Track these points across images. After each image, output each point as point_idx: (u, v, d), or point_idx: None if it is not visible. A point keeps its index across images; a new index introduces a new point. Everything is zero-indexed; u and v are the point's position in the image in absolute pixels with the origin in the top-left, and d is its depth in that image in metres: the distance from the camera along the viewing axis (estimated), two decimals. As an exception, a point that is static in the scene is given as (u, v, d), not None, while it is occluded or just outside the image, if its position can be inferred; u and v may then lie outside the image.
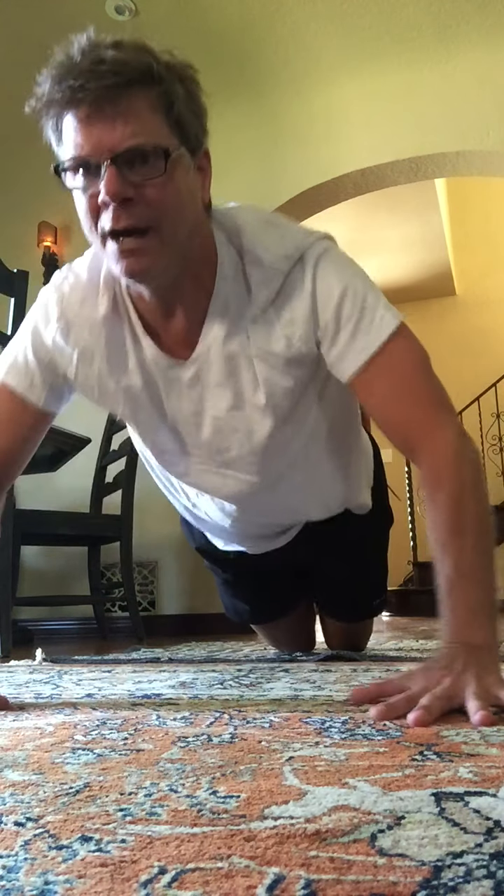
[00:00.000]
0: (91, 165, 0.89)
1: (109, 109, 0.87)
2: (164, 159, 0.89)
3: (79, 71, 0.86)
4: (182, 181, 0.93)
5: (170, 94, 0.90)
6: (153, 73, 0.88)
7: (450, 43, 3.37)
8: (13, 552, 2.51)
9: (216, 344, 1.04)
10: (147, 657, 1.76)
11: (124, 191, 0.88)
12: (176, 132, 0.91)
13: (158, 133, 0.89)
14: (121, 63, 0.86)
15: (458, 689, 0.78)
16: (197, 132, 0.95)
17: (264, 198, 3.59)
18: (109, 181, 0.87)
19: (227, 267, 1.02)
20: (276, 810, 0.46)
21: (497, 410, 6.04)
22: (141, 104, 0.88)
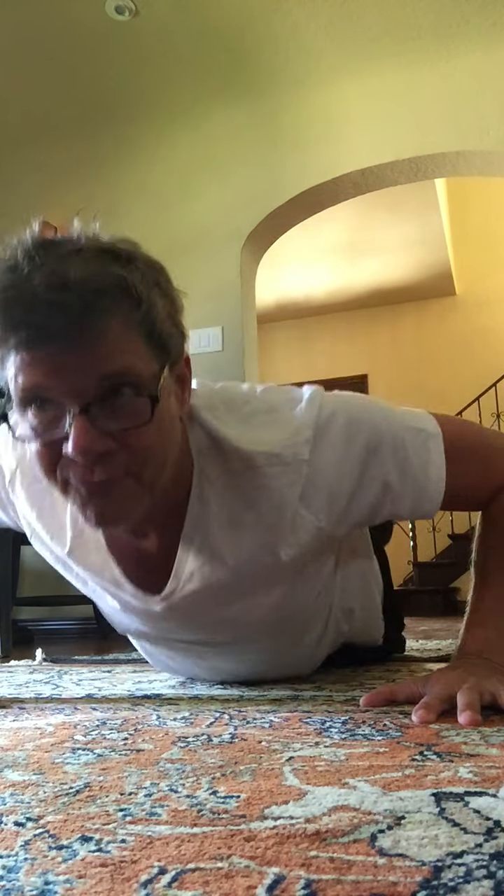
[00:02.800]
0: (51, 406, 0.71)
1: (76, 348, 0.69)
2: (150, 404, 0.72)
3: (31, 299, 0.68)
4: (167, 417, 0.76)
5: (151, 313, 0.73)
6: (129, 290, 0.71)
7: (450, 43, 3.37)
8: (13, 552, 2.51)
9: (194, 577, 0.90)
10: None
11: (99, 445, 0.71)
12: (158, 355, 0.75)
13: (140, 366, 0.72)
14: (89, 286, 0.68)
15: (485, 686, 0.79)
16: (179, 341, 0.79)
17: (264, 198, 3.60)
18: (79, 435, 0.69)
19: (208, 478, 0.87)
20: (276, 810, 0.46)
21: (497, 410, 6.04)
22: (116, 336, 0.71)
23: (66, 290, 0.68)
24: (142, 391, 0.72)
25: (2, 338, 0.70)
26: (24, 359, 0.69)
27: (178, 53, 3.42)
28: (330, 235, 5.51)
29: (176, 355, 0.79)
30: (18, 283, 0.68)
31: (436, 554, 5.95)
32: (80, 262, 0.69)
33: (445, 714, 0.77)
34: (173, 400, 0.79)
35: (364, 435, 0.87)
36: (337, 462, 0.86)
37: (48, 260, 0.69)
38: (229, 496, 0.87)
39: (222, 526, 0.87)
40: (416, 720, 0.75)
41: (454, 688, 0.80)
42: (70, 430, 0.70)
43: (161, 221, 3.65)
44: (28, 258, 0.69)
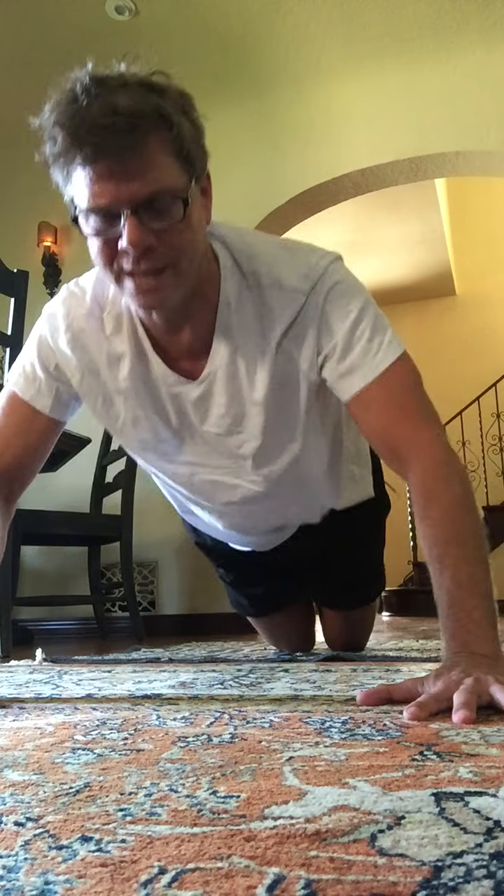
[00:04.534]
0: (109, 213, 0.89)
1: (127, 162, 0.87)
2: (182, 206, 0.90)
3: (91, 123, 0.84)
4: (196, 218, 0.95)
5: (180, 134, 0.90)
6: (164, 116, 0.88)
7: (450, 43, 3.37)
8: (13, 552, 2.51)
9: (223, 364, 1.08)
10: (147, 657, 1.76)
11: (147, 240, 0.90)
12: (187, 169, 0.92)
13: (174, 178, 0.90)
14: (134, 112, 0.86)
15: (482, 686, 0.79)
16: (202, 160, 0.96)
17: (264, 198, 3.60)
18: (131, 231, 0.88)
19: (231, 286, 1.05)
20: (276, 810, 0.46)
21: (497, 410, 6.04)
22: (156, 152, 0.88)
23: (117, 115, 0.84)
24: (177, 199, 0.90)
25: (68, 157, 0.87)
26: (88, 172, 0.87)
27: (178, 53, 3.41)
28: (330, 235, 5.51)
29: (200, 170, 0.96)
30: (80, 112, 0.85)
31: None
32: (125, 94, 0.86)
33: (443, 714, 0.77)
34: (200, 206, 0.97)
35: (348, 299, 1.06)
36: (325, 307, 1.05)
37: (101, 92, 0.85)
38: (244, 305, 1.06)
39: (240, 326, 1.06)
40: (407, 717, 0.76)
41: (452, 687, 0.80)
42: (124, 228, 0.89)
43: (161, 221, 3.64)
44: (85, 91, 0.85)
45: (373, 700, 0.87)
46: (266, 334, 1.06)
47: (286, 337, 1.06)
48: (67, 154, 0.87)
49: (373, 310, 1.08)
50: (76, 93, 0.85)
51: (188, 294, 1.00)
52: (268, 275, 1.04)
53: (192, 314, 1.05)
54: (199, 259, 0.99)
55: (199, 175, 0.96)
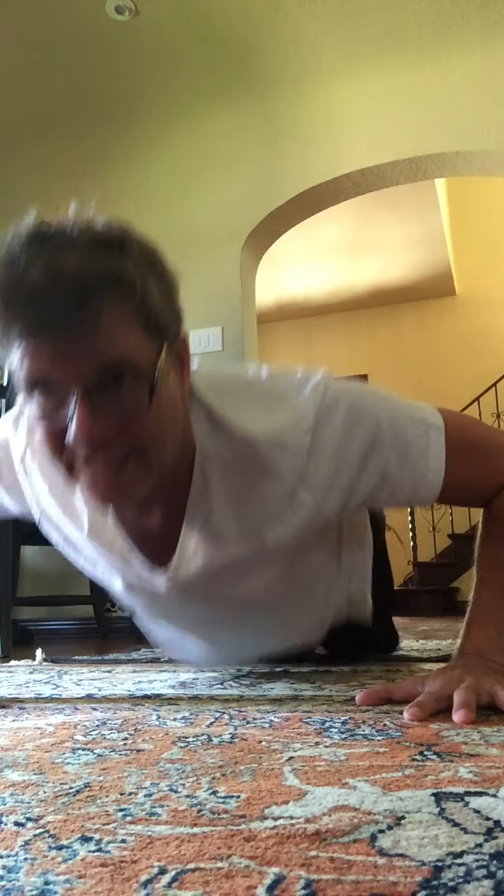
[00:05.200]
0: (55, 392, 0.74)
1: (74, 338, 0.71)
2: (147, 387, 0.75)
3: (30, 291, 0.70)
4: (167, 399, 0.79)
5: (146, 298, 0.75)
6: (124, 280, 0.73)
7: (450, 43, 3.37)
8: (13, 552, 2.51)
9: (197, 553, 0.93)
10: (147, 657, 1.76)
11: (101, 431, 0.73)
12: (155, 338, 0.77)
13: (137, 352, 0.74)
14: (83, 277, 0.71)
15: (483, 686, 0.79)
16: (175, 321, 0.81)
17: (264, 198, 3.60)
18: (81, 420, 0.72)
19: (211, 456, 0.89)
20: (276, 810, 0.46)
21: (497, 410, 6.03)
22: (113, 323, 0.73)
23: (63, 282, 0.70)
24: (140, 378, 0.74)
25: (5, 329, 0.73)
26: (27, 346, 0.73)
27: (178, 53, 3.42)
28: (330, 235, 5.51)
29: (173, 336, 0.81)
30: (16, 278, 0.71)
31: (436, 554, 5.96)
32: (73, 256, 0.71)
33: (443, 713, 0.77)
34: (173, 380, 0.81)
35: (365, 424, 0.89)
36: (337, 449, 0.88)
37: (43, 254, 0.71)
38: (230, 476, 0.89)
39: (223, 505, 0.90)
40: (408, 717, 0.76)
41: (451, 687, 0.80)
42: (72, 417, 0.73)
43: (161, 221, 3.65)
44: (24, 252, 0.71)
45: (372, 700, 0.88)
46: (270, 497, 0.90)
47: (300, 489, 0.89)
48: (2, 327, 0.73)
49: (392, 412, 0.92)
50: (14, 254, 0.72)
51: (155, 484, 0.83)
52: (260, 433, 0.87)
53: (163, 495, 0.89)
54: (172, 446, 0.82)
55: (172, 341, 0.80)
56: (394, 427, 0.90)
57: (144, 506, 0.91)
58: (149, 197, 3.72)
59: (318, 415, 0.87)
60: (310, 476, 0.88)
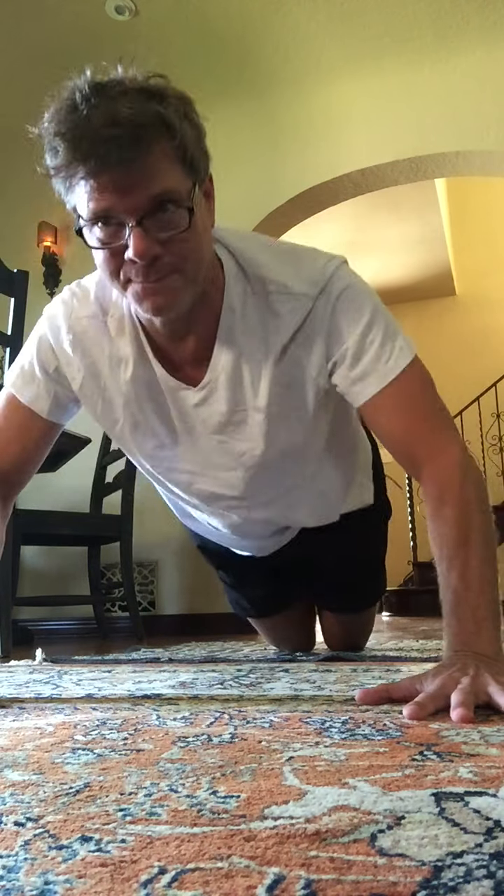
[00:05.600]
0: (114, 224, 0.88)
1: (131, 174, 0.85)
2: (187, 215, 0.89)
3: (93, 134, 0.83)
4: (201, 224, 0.94)
5: (183, 140, 0.89)
6: (167, 123, 0.87)
7: (450, 43, 3.37)
8: (13, 552, 2.51)
9: (225, 370, 1.06)
10: (147, 657, 1.76)
11: (152, 250, 0.88)
12: (190, 175, 0.91)
13: (178, 186, 0.89)
14: (136, 122, 0.84)
15: (480, 685, 0.79)
16: (205, 163, 0.95)
17: (264, 198, 3.60)
18: (137, 242, 0.87)
19: (235, 291, 1.03)
20: (276, 810, 0.46)
21: (497, 410, 6.04)
22: (160, 161, 0.87)
23: (119, 125, 0.83)
24: (181, 206, 0.89)
25: (70, 169, 0.85)
26: (91, 184, 0.86)
27: (177, 53, 3.42)
28: (330, 235, 5.51)
29: (203, 174, 0.95)
30: (80, 123, 0.83)
31: (436, 554, 5.95)
32: (126, 102, 0.84)
33: (442, 713, 0.77)
34: (204, 210, 0.96)
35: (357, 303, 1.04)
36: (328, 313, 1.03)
37: (102, 101, 0.83)
38: (248, 311, 1.04)
39: (243, 332, 1.05)
40: (406, 716, 0.76)
41: (450, 687, 0.80)
42: (129, 238, 0.88)
43: (161, 221, 3.65)
44: (85, 100, 0.83)
45: (371, 699, 0.88)
46: (271, 340, 1.05)
47: (293, 342, 1.05)
48: (69, 167, 0.86)
49: (383, 314, 1.06)
50: (76, 102, 0.84)
51: (194, 300, 0.99)
52: (274, 280, 1.03)
53: (197, 321, 1.03)
54: (206, 265, 0.98)
55: (203, 179, 0.95)
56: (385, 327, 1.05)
57: (180, 330, 1.03)
58: (149, 197, 3.72)
59: (326, 280, 1.03)
60: (306, 325, 1.03)
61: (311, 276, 1.03)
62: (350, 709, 0.85)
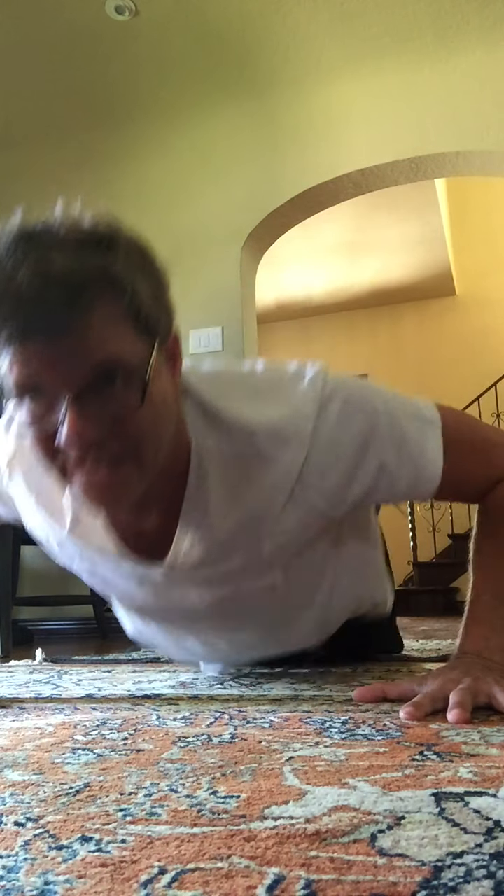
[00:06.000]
0: (45, 397, 0.73)
1: (63, 341, 0.70)
2: (140, 386, 0.74)
3: (18, 295, 0.69)
4: (159, 395, 0.77)
5: (136, 296, 0.74)
6: (113, 280, 0.72)
7: (450, 43, 3.37)
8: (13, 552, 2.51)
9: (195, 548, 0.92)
10: (147, 657, 1.76)
11: (94, 433, 0.72)
12: (146, 337, 0.75)
13: (128, 352, 0.73)
14: (72, 278, 0.70)
15: (481, 687, 0.79)
16: (166, 319, 0.80)
17: (264, 198, 3.59)
18: (73, 423, 0.71)
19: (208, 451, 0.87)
20: (276, 810, 0.46)
21: (497, 410, 6.03)
22: (103, 323, 0.72)
23: (50, 285, 0.69)
24: (132, 377, 0.73)
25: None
26: (16, 353, 0.71)
27: (177, 53, 3.42)
28: (330, 235, 5.51)
29: (164, 334, 0.79)
30: (3, 282, 0.70)
31: (436, 554, 5.95)
32: (61, 256, 0.70)
33: (440, 713, 0.77)
34: (165, 377, 0.80)
35: (363, 415, 0.88)
36: (336, 441, 0.87)
37: (30, 255, 0.70)
38: (228, 471, 0.88)
39: (220, 502, 0.88)
40: (403, 716, 0.76)
41: (449, 688, 0.80)
42: (63, 419, 0.72)
43: (161, 222, 3.65)
44: (10, 255, 0.70)
45: (368, 697, 0.88)
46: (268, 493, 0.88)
47: (299, 484, 0.88)
48: None
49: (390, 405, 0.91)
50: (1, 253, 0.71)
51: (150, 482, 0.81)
52: (259, 426, 0.86)
53: (159, 496, 0.87)
54: (167, 444, 0.81)
55: (163, 340, 0.79)
56: (392, 420, 0.90)
57: (140, 507, 0.88)
58: (148, 197, 3.72)
59: (318, 405, 0.87)
60: (310, 468, 0.87)
61: (299, 407, 0.87)
62: (350, 709, 0.85)
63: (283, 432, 0.86)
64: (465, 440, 0.96)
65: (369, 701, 0.87)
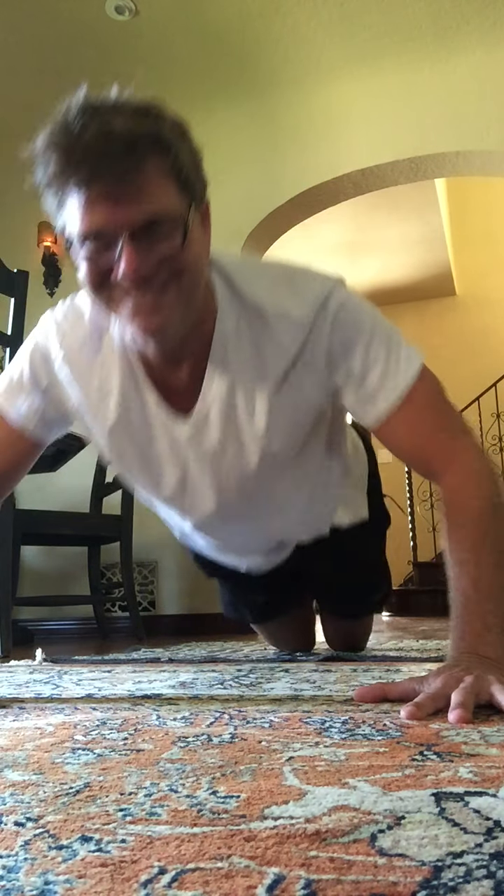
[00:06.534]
0: (105, 238, 0.85)
1: (124, 185, 0.83)
2: (181, 232, 0.86)
3: (86, 146, 0.81)
4: (196, 244, 0.91)
5: (179, 158, 0.87)
6: (162, 140, 0.85)
7: (450, 43, 3.37)
8: (13, 552, 2.51)
9: (217, 400, 1.03)
10: (147, 657, 1.76)
11: (145, 266, 0.85)
12: (186, 194, 0.88)
13: (173, 202, 0.86)
14: (130, 135, 0.82)
15: (482, 686, 0.79)
16: (201, 186, 0.93)
17: (264, 198, 3.60)
18: (129, 258, 0.84)
19: (228, 319, 1.00)
20: (276, 810, 0.46)
21: (497, 410, 6.04)
22: (153, 176, 0.84)
23: (112, 138, 0.81)
24: (176, 222, 0.86)
25: (62, 179, 0.84)
26: (82, 197, 0.83)
27: (177, 53, 3.42)
28: (330, 235, 5.51)
29: (199, 196, 0.92)
30: (73, 139, 0.81)
31: (436, 554, 5.95)
32: (120, 119, 0.83)
33: (441, 713, 0.77)
34: (200, 234, 0.92)
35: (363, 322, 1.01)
36: (334, 330, 1.00)
37: (95, 116, 0.82)
38: (243, 339, 1.01)
39: (238, 359, 1.01)
40: (404, 716, 0.76)
41: (450, 687, 0.80)
42: (121, 254, 0.84)
43: (161, 221, 3.65)
44: (79, 115, 0.82)
45: (368, 697, 0.88)
46: (270, 367, 1.02)
47: (294, 368, 1.02)
48: (61, 177, 0.84)
49: (383, 327, 1.03)
50: (69, 118, 0.82)
51: (189, 324, 0.95)
52: (270, 305, 0.99)
53: (190, 347, 1.00)
54: (201, 288, 0.95)
55: (199, 201, 0.92)
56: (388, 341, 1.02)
57: (173, 358, 1.00)
58: (149, 197, 3.72)
59: (326, 297, 1.00)
60: (307, 349, 1.00)
61: (307, 298, 1.00)
62: (350, 709, 0.85)
63: (289, 314, 0.99)
64: (433, 391, 1.03)
65: (369, 701, 0.87)
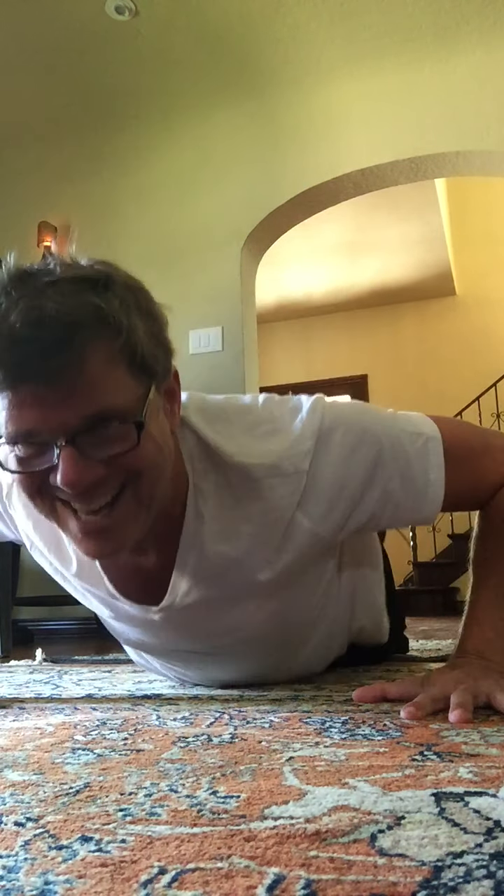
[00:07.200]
0: (39, 441, 0.71)
1: (57, 385, 0.68)
2: (135, 430, 0.72)
3: (10, 337, 0.68)
4: (157, 435, 0.76)
5: (131, 337, 0.72)
6: (107, 319, 0.70)
7: (450, 43, 3.37)
8: (13, 552, 2.51)
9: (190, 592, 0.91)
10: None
11: (89, 475, 0.71)
12: (142, 377, 0.74)
13: (122, 395, 0.72)
14: (65, 319, 0.68)
15: (482, 687, 0.79)
16: (164, 360, 0.78)
17: (264, 198, 3.59)
18: (67, 467, 0.70)
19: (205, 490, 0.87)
20: (276, 810, 0.46)
21: (497, 410, 6.03)
22: (97, 365, 0.70)
23: (43, 326, 0.67)
24: (127, 419, 0.72)
25: None
26: (9, 397, 0.70)
27: (178, 53, 3.42)
28: (330, 235, 5.51)
29: (163, 373, 0.78)
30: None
31: (436, 554, 5.95)
32: (55, 295, 0.69)
33: (441, 713, 0.77)
34: (162, 417, 0.79)
35: (365, 445, 0.87)
36: (337, 472, 0.86)
37: (24, 294, 0.69)
38: (226, 510, 0.86)
39: (217, 540, 0.87)
40: (404, 716, 0.77)
41: (449, 688, 0.80)
42: (58, 461, 0.70)
43: (161, 222, 3.65)
44: (4, 294, 0.69)
45: (368, 697, 0.88)
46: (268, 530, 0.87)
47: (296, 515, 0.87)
48: None
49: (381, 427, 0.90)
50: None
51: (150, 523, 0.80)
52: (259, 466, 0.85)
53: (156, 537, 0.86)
54: (165, 481, 0.79)
55: (161, 379, 0.77)
56: (394, 445, 0.88)
57: (137, 549, 0.87)
58: (149, 197, 3.72)
59: (318, 438, 0.86)
60: (309, 501, 0.86)
61: (296, 442, 0.86)
62: (350, 709, 0.85)
63: (282, 468, 0.85)
64: (465, 451, 0.94)
65: (369, 701, 0.87)
